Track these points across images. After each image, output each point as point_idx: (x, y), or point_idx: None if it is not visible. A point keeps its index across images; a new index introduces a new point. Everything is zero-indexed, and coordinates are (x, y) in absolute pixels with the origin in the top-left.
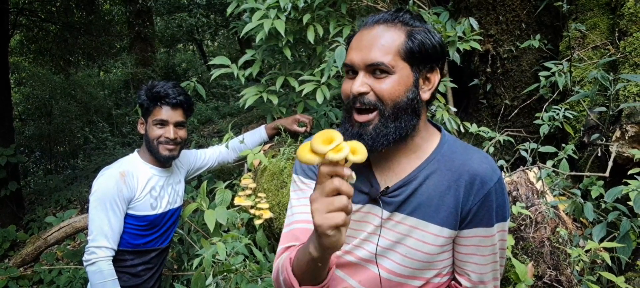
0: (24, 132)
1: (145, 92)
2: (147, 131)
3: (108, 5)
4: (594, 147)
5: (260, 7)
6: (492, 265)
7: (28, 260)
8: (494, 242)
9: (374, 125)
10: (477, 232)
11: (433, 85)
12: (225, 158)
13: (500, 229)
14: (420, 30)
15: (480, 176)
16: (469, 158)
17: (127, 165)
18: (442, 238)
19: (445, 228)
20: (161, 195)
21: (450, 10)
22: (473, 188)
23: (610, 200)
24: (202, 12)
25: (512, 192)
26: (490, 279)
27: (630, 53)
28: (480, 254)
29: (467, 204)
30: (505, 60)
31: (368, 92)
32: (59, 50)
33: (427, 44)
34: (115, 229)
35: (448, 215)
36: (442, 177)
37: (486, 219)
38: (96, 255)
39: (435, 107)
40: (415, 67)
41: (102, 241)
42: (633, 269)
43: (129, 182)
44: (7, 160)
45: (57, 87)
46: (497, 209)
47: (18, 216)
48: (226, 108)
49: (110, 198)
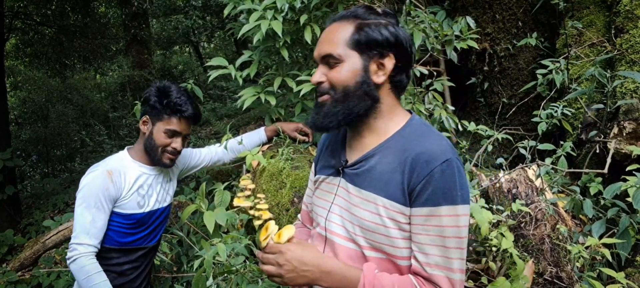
0: (21, 135)
1: (159, 95)
2: (154, 135)
3: (104, 8)
4: (592, 144)
5: (257, 8)
6: (441, 249)
7: (26, 264)
8: (441, 224)
9: (326, 106)
10: (422, 212)
11: (387, 70)
12: (221, 158)
13: (449, 213)
14: (370, 22)
15: (425, 156)
16: (424, 140)
17: (115, 163)
18: (393, 212)
19: (394, 202)
20: (149, 193)
21: (447, 9)
22: (417, 167)
23: (609, 196)
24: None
25: (511, 190)
26: (441, 264)
27: (626, 50)
28: (426, 234)
29: (412, 182)
30: (503, 59)
31: (323, 82)
32: (54, 54)
33: (374, 34)
34: (98, 226)
35: (396, 190)
36: (395, 155)
37: (431, 199)
38: (77, 252)
39: (433, 105)
40: (365, 55)
41: (83, 238)
42: (633, 265)
43: (115, 180)
44: (4, 164)
45: (53, 91)
46: (444, 190)
47: (15, 220)
48: (223, 109)
49: (94, 196)
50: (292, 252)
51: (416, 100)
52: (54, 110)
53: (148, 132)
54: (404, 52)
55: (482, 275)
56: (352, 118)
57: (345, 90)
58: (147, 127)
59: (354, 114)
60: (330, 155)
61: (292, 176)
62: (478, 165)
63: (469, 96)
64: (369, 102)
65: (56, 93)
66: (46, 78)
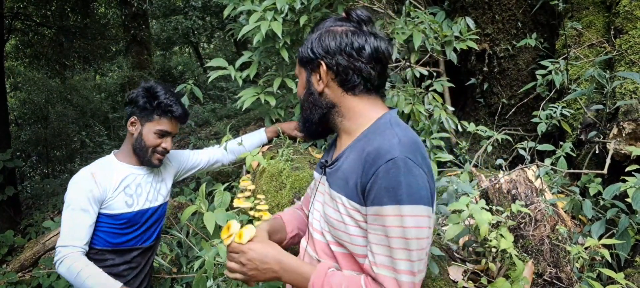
0: (20, 136)
1: (148, 96)
2: (143, 136)
3: (103, 9)
4: (592, 145)
5: (257, 9)
6: (386, 249)
7: (27, 265)
8: (385, 224)
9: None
10: (370, 211)
11: (323, 79)
12: (220, 160)
13: (392, 213)
14: (309, 37)
15: (374, 154)
16: (377, 138)
17: (100, 165)
18: (351, 210)
19: (351, 201)
20: (137, 192)
21: (447, 10)
22: (366, 166)
23: (608, 197)
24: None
25: (511, 191)
26: (387, 265)
27: (626, 51)
28: (374, 233)
29: (363, 181)
30: (502, 59)
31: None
32: (54, 54)
33: (307, 48)
34: (83, 228)
35: (353, 189)
36: (353, 154)
37: (377, 198)
38: (61, 254)
39: (433, 106)
40: (307, 70)
41: (67, 240)
42: (632, 265)
43: (100, 181)
44: (4, 165)
45: (53, 91)
46: (387, 190)
47: (15, 221)
48: (223, 110)
49: (78, 198)
50: (254, 251)
51: (416, 100)
52: (53, 111)
53: (137, 133)
54: (338, 56)
55: (481, 276)
56: (311, 125)
57: (302, 102)
58: (135, 128)
59: (311, 122)
60: (326, 155)
61: (292, 177)
62: (478, 165)
63: (469, 97)
64: (321, 110)
65: (56, 94)
66: (46, 79)
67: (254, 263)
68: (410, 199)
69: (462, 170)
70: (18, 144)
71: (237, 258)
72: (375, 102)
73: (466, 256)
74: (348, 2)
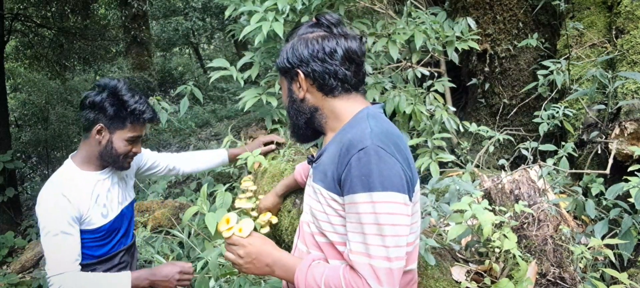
0: (21, 137)
1: (116, 103)
2: (114, 144)
3: (103, 10)
4: (594, 145)
5: (258, 9)
6: (360, 235)
7: (27, 267)
8: (358, 211)
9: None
10: (345, 200)
11: (302, 86)
12: (177, 169)
13: (364, 200)
14: (284, 48)
15: (348, 144)
16: (351, 130)
17: (67, 180)
18: (330, 200)
19: (331, 192)
20: (109, 199)
21: (448, 10)
22: (341, 157)
23: (611, 197)
24: (198, 16)
25: (513, 191)
26: (362, 251)
27: (627, 51)
28: (349, 221)
29: (338, 171)
30: (503, 59)
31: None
32: (54, 56)
33: (283, 58)
34: (71, 249)
35: (331, 180)
36: (333, 148)
37: (351, 186)
38: (58, 284)
39: (434, 106)
40: (287, 78)
41: (58, 268)
42: (635, 265)
43: (74, 201)
44: (4, 166)
45: (54, 93)
46: (359, 178)
47: (16, 222)
48: (223, 111)
49: (57, 224)
50: (253, 246)
51: (417, 101)
52: (54, 112)
53: (105, 141)
54: (312, 63)
55: (485, 276)
56: (299, 130)
57: (287, 109)
58: (102, 136)
59: (298, 127)
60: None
61: None
62: (479, 166)
63: (470, 97)
64: (305, 115)
65: (56, 95)
66: (46, 80)
67: (251, 257)
68: (382, 186)
69: (464, 171)
70: (18, 145)
71: (235, 251)
72: (355, 99)
73: (469, 256)
74: (349, 3)
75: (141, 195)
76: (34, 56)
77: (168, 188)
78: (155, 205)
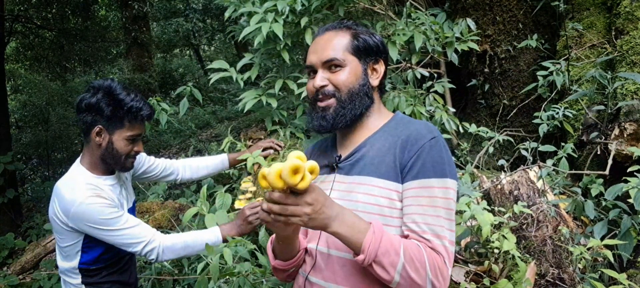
0: (21, 139)
1: (113, 103)
2: (115, 145)
3: (104, 11)
4: (593, 146)
5: (258, 10)
6: (433, 218)
7: (27, 268)
8: (433, 194)
9: (333, 108)
10: (413, 184)
11: (380, 74)
12: (175, 173)
13: (440, 185)
14: (362, 31)
15: (414, 135)
16: (411, 125)
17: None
18: (386, 190)
19: (389, 181)
20: (120, 202)
21: (447, 11)
22: (408, 145)
23: (610, 198)
24: (199, 17)
25: (513, 192)
26: (436, 232)
27: (627, 51)
28: (418, 204)
29: (404, 159)
30: (503, 60)
31: (327, 85)
32: (55, 57)
33: (369, 41)
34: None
35: (388, 170)
36: (384, 141)
37: (422, 172)
38: (149, 247)
39: (434, 107)
40: (363, 60)
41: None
42: (635, 266)
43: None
44: (5, 168)
45: (54, 94)
46: (433, 164)
47: (16, 224)
48: (224, 112)
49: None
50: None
51: (417, 102)
52: (54, 113)
53: (105, 142)
54: (388, 58)
55: (484, 277)
56: (357, 116)
57: (350, 91)
58: (102, 138)
59: (358, 113)
60: (322, 157)
61: None
62: (479, 166)
63: (470, 98)
64: (369, 102)
65: (57, 96)
66: (47, 81)
67: (319, 204)
68: (451, 174)
69: (464, 171)
70: (19, 147)
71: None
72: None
73: (468, 257)
74: (349, 4)
75: (141, 197)
76: (34, 57)
77: (168, 189)
78: (155, 206)
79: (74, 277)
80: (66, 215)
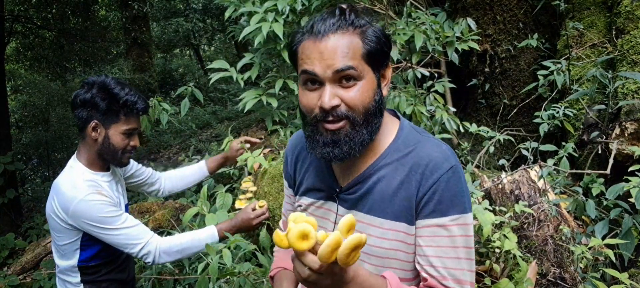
0: (21, 139)
1: (108, 97)
2: (111, 139)
3: (104, 11)
4: (594, 145)
5: (258, 10)
6: (453, 260)
7: (27, 268)
8: (452, 234)
9: (345, 132)
10: (429, 223)
11: (388, 79)
12: (157, 183)
13: (458, 222)
14: (368, 27)
15: (430, 165)
16: (423, 148)
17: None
18: (401, 233)
19: (401, 222)
20: (118, 199)
21: (448, 11)
22: (423, 179)
23: (611, 197)
24: (199, 17)
25: (514, 191)
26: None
27: (627, 51)
28: (436, 245)
29: (418, 195)
30: (504, 60)
31: (339, 105)
32: (55, 57)
33: (380, 40)
34: (135, 221)
35: (402, 209)
36: (395, 172)
37: (438, 210)
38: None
39: (434, 107)
40: (376, 68)
41: (145, 236)
42: (636, 265)
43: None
44: (5, 168)
45: (54, 94)
46: (451, 199)
47: (16, 224)
48: (224, 112)
49: (114, 210)
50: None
51: (417, 101)
52: (54, 113)
53: (101, 137)
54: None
55: (485, 276)
56: (365, 136)
57: (367, 112)
58: (98, 133)
59: (374, 137)
60: (316, 176)
61: None
62: (480, 166)
63: (470, 97)
64: (381, 119)
65: (57, 96)
66: (47, 81)
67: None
68: (469, 206)
69: (465, 171)
70: (19, 147)
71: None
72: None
73: None
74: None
75: (141, 197)
76: (34, 58)
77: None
78: (155, 206)
79: (72, 275)
80: (66, 212)
